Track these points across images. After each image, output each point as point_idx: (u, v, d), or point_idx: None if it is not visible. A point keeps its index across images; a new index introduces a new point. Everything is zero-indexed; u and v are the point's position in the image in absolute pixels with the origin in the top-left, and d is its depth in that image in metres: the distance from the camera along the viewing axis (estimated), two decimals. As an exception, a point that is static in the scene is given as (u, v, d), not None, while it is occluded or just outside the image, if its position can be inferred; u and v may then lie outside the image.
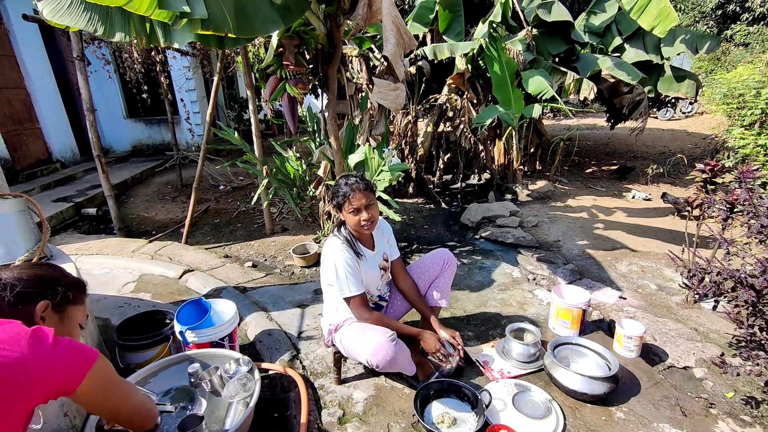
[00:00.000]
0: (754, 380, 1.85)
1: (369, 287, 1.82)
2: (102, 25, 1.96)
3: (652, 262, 3.16)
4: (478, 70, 5.06)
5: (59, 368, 0.87)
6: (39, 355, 0.84)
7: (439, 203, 4.94)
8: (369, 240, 1.85)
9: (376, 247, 1.86)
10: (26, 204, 1.87)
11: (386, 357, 1.53)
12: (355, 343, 1.64)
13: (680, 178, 5.85)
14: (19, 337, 0.85)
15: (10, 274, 1.01)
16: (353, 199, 1.64)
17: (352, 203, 1.64)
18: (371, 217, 1.67)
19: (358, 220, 1.66)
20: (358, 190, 1.65)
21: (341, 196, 1.67)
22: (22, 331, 0.86)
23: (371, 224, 1.69)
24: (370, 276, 1.80)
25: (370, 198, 1.68)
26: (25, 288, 0.99)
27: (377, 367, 1.58)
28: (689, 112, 11.49)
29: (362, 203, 1.65)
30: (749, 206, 1.88)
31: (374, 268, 1.82)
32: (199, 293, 2.79)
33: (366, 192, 1.67)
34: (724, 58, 11.18)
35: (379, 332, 1.59)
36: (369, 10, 2.38)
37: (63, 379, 0.88)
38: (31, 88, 5.89)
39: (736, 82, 4.82)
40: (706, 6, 12.58)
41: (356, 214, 1.66)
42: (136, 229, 4.39)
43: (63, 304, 1.05)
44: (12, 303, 0.96)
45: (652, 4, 2.58)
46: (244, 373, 1.60)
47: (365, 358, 1.58)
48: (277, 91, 2.78)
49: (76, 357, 0.91)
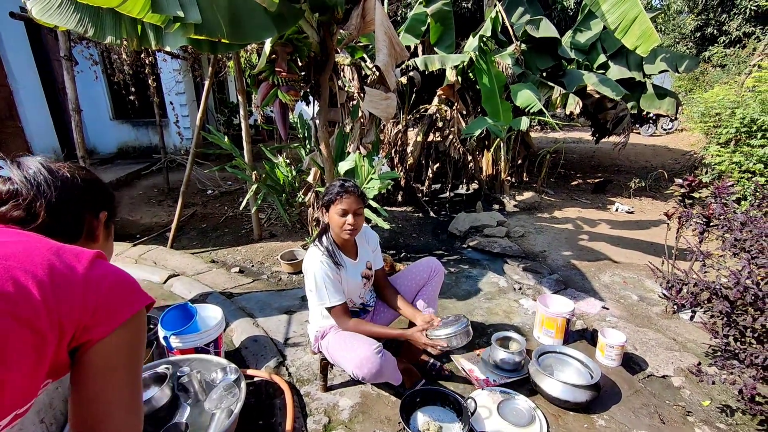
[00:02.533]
0: (728, 389, 1.91)
1: (351, 295, 1.82)
2: (92, 26, 1.95)
3: (634, 273, 3.25)
4: (467, 82, 5.17)
5: (102, 296, 0.63)
6: (90, 276, 0.63)
7: (428, 212, 4.98)
8: (352, 248, 1.84)
9: (359, 256, 1.85)
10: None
11: (372, 370, 1.53)
12: (341, 355, 1.64)
13: (661, 192, 6.04)
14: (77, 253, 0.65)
15: (69, 170, 0.76)
16: (344, 200, 1.65)
17: (342, 204, 1.65)
18: (356, 223, 1.68)
19: (343, 222, 1.66)
20: (353, 194, 1.66)
21: (334, 194, 1.67)
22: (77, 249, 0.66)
23: (353, 231, 1.69)
24: (351, 285, 1.79)
25: (360, 206, 1.69)
26: (93, 191, 0.79)
27: (363, 380, 1.58)
28: (670, 128, 11.88)
29: (352, 207, 1.66)
30: (724, 220, 1.96)
31: (356, 277, 1.81)
32: (184, 298, 2.75)
33: (358, 198, 1.68)
34: (703, 78, 11.64)
35: (365, 345, 1.58)
36: (362, 20, 2.43)
37: (100, 312, 0.63)
38: (15, 86, 5.76)
39: (713, 101, 5.02)
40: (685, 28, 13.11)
41: (342, 216, 1.66)
42: (119, 233, 4.29)
43: (112, 220, 0.85)
44: (67, 207, 0.74)
45: (635, 25, 2.69)
46: (229, 382, 1.59)
47: (351, 371, 1.58)
48: (269, 97, 2.79)
49: (125, 289, 0.68)
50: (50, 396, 1.38)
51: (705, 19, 12.46)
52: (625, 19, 2.73)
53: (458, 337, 1.57)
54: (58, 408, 1.43)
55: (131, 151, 8.04)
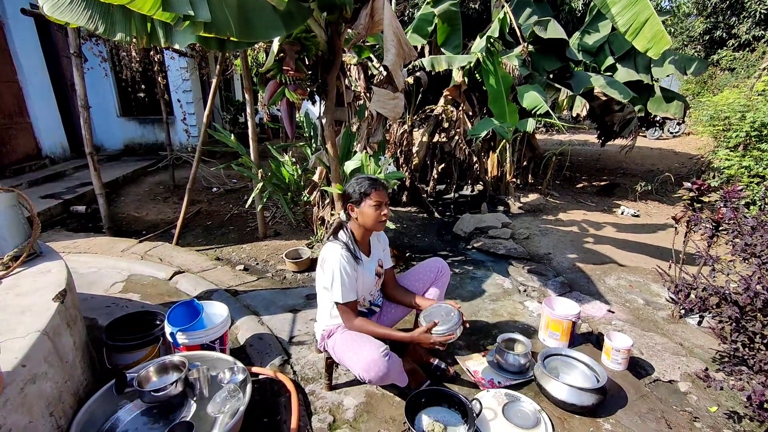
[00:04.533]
0: (736, 395, 1.89)
1: (363, 293, 1.83)
2: (103, 23, 1.95)
3: (640, 277, 3.23)
4: (474, 83, 5.15)
5: None
6: None
7: (432, 213, 4.97)
8: (366, 245, 1.87)
9: (372, 253, 1.88)
10: (17, 199, 1.84)
11: (378, 373, 1.53)
12: (348, 356, 1.64)
13: (667, 196, 5.99)
14: None
15: None
16: (378, 192, 1.71)
17: (377, 196, 1.71)
18: (388, 214, 1.75)
19: (378, 214, 1.72)
20: (383, 188, 1.74)
21: (367, 187, 1.72)
22: None
23: (385, 223, 1.76)
24: (367, 281, 1.81)
25: (388, 199, 1.76)
26: None
27: (369, 382, 1.59)
28: (676, 132, 11.79)
29: (384, 199, 1.73)
30: (734, 225, 1.94)
31: (371, 272, 1.84)
32: (189, 295, 2.76)
33: (386, 192, 1.75)
34: (711, 82, 11.54)
35: (372, 346, 1.58)
36: (371, 20, 2.42)
37: None
38: (24, 82, 5.81)
39: (722, 105, 4.98)
40: (694, 31, 13.00)
41: (378, 209, 1.71)
42: (125, 229, 4.32)
43: None
44: None
45: (646, 27, 2.67)
46: (235, 384, 1.59)
47: (358, 373, 1.58)
48: (276, 95, 2.80)
49: None
50: (59, 389, 1.39)
51: (714, 21, 12.35)
52: (636, 21, 2.71)
53: (459, 329, 1.66)
54: (67, 402, 1.44)
55: (137, 148, 8.10)
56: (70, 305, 1.64)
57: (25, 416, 1.21)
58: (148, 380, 1.60)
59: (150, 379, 1.61)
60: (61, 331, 1.48)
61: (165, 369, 1.65)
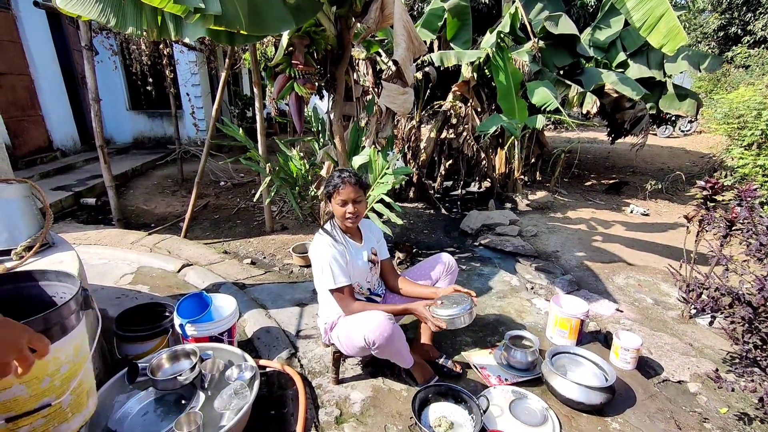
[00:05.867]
0: (747, 397, 1.87)
1: (358, 279, 1.85)
2: (114, 17, 1.95)
3: (649, 276, 3.19)
4: (483, 79, 5.10)
5: None
6: None
7: (439, 209, 4.96)
8: (356, 233, 1.91)
9: (363, 240, 1.91)
10: (30, 190, 1.86)
11: (383, 333, 1.55)
12: (354, 329, 1.65)
13: (678, 195, 5.91)
14: None
15: None
16: (342, 190, 1.70)
17: (341, 194, 1.71)
18: (356, 211, 1.74)
19: (344, 212, 1.74)
20: (349, 183, 1.71)
21: (332, 186, 1.73)
22: None
23: (355, 218, 1.76)
24: (359, 267, 1.83)
25: (359, 194, 1.74)
26: None
27: (374, 347, 1.58)
28: (688, 130, 11.61)
29: (350, 197, 1.71)
30: (749, 224, 1.91)
31: (362, 258, 1.85)
32: (197, 287, 2.78)
33: (356, 187, 1.72)
34: (725, 79, 11.33)
35: (379, 312, 1.63)
36: (381, 14, 2.41)
37: None
38: (35, 75, 5.87)
39: (737, 102, 4.89)
40: (708, 27, 12.76)
41: (343, 206, 1.73)
42: (135, 221, 4.37)
43: None
44: None
45: (661, 23, 2.61)
46: (243, 382, 1.60)
47: (363, 337, 1.58)
48: (285, 89, 2.80)
49: None
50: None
51: (729, 18, 12.10)
52: (651, 17, 2.65)
53: (461, 318, 1.58)
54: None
55: (146, 142, 8.16)
56: (81, 295, 1.66)
57: (38, 403, 1.22)
58: (160, 368, 1.63)
59: (162, 367, 1.64)
60: (73, 320, 1.50)
61: (177, 357, 1.67)
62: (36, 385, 0.92)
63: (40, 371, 0.91)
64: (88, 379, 1.16)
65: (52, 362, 0.94)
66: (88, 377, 1.16)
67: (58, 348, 0.96)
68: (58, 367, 0.97)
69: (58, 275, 1.30)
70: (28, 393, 0.90)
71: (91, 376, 1.21)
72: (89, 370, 1.18)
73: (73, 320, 1.08)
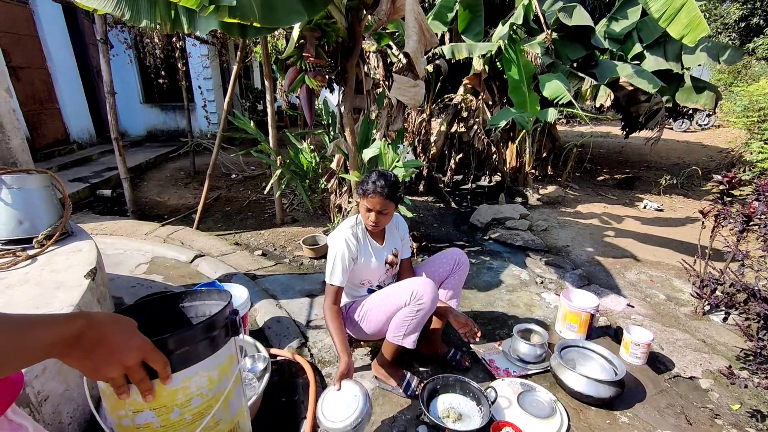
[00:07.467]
0: (760, 394, 1.85)
1: (369, 277, 1.87)
2: (129, 10, 1.98)
3: (662, 272, 3.15)
4: (495, 72, 5.04)
5: None
6: None
7: (449, 203, 4.94)
8: (380, 233, 1.90)
9: (385, 241, 1.90)
10: (50, 180, 1.91)
11: (432, 293, 1.61)
12: (389, 297, 1.69)
13: (693, 190, 5.80)
14: None
15: None
16: (371, 199, 1.71)
17: (369, 202, 1.72)
18: (378, 222, 1.75)
19: (366, 217, 1.77)
20: (380, 194, 1.69)
21: (363, 191, 1.73)
22: None
23: (375, 227, 1.78)
24: (373, 267, 1.84)
25: (387, 207, 1.72)
26: None
27: (421, 303, 1.60)
28: (706, 124, 11.33)
29: (377, 208, 1.71)
30: (767, 219, 1.87)
31: (380, 260, 1.86)
32: (209, 278, 2.83)
33: (386, 200, 1.70)
34: (745, 72, 11.00)
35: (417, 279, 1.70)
36: (392, 5, 2.39)
37: None
38: (53, 68, 5.98)
39: (758, 94, 4.75)
40: (729, 18, 12.36)
41: (367, 212, 1.76)
42: (148, 213, 4.45)
43: None
44: None
45: (682, 13, 2.54)
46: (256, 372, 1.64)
47: (412, 292, 1.61)
48: (296, 82, 2.81)
49: None
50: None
51: (751, 8, 11.70)
52: (671, 7, 2.59)
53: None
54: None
55: (159, 135, 8.27)
56: (99, 283, 1.71)
57: (61, 384, 1.27)
58: None
59: None
60: (92, 306, 1.54)
61: None
62: (165, 415, 0.78)
63: (169, 400, 0.78)
64: (227, 423, 0.89)
65: (181, 391, 0.79)
66: (226, 419, 0.89)
67: (186, 376, 0.79)
68: (188, 398, 0.80)
69: (218, 294, 1.03)
70: (159, 422, 0.78)
71: (233, 420, 0.92)
72: (235, 411, 0.92)
73: (205, 346, 0.83)
